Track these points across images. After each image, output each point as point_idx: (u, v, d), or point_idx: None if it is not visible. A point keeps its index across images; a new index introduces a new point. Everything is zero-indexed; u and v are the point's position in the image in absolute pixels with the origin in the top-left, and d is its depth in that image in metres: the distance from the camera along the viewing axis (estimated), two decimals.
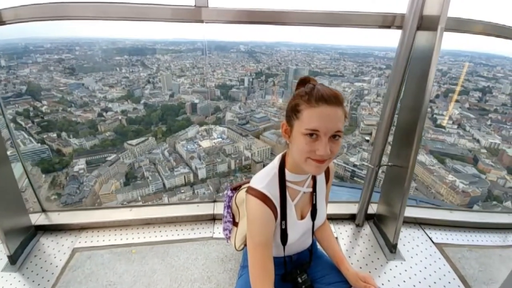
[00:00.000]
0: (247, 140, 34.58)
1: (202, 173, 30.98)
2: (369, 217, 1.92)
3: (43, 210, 1.83)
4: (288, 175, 0.89)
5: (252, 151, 32.74)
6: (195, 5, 1.31)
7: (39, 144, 27.22)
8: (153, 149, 32.65)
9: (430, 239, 1.86)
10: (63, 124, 28.92)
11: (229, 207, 1.23)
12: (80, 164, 28.19)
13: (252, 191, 0.87)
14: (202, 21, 1.35)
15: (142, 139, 31.47)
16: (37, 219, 1.76)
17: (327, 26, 1.46)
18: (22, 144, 26.49)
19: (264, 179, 0.89)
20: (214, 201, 1.92)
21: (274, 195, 0.87)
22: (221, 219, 1.84)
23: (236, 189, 1.20)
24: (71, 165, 28.25)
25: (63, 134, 28.40)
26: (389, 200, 1.73)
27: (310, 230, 1.01)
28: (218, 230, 1.76)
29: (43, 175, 27.29)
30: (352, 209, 1.92)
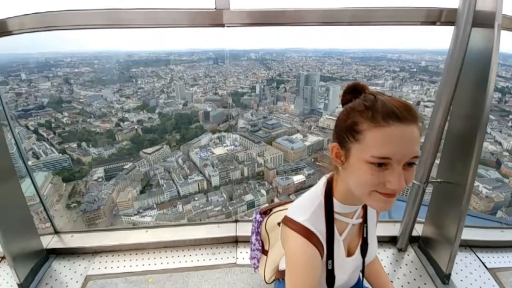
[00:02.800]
0: (259, 146, 34.63)
1: (215, 181, 31.27)
2: (412, 240, 1.68)
3: (56, 232, 1.73)
4: (337, 206, 0.71)
5: (264, 158, 32.66)
6: (215, 8, 1.17)
7: (60, 154, 28.45)
8: (168, 157, 33.38)
9: (483, 264, 1.62)
10: (83, 134, 30.18)
11: (258, 233, 1.06)
12: (98, 173, 29.19)
13: (292, 224, 0.70)
14: (223, 25, 1.20)
15: (157, 147, 32.23)
16: (49, 242, 1.66)
17: (361, 24, 1.29)
18: (44, 154, 27.77)
19: (306, 209, 0.72)
20: (236, 221, 1.75)
21: (319, 229, 0.70)
22: (244, 242, 1.67)
23: (266, 213, 1.04)
24: (90, 173, 29.30)
25: (83, 144, 29.57)
26: (440, 221, 1.49)
27: (359, 268, 0.83)
28: (241, 255, 1.58)
29: (64, 184, 28.42)
30: (393, 230, 1.69)
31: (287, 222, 0.71)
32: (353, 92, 0.65)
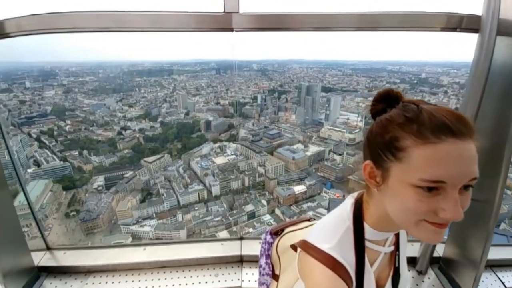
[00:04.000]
0: (260, 156, 34.56)
1: (216, 190, 31.00)
2: (432, 261, 1.55)
3: (48, 248, 1.62)
4: (368, 232, 0.61)
5: (265, 168, 32.47)
6: (224, 11, 1.11)
7: (62, 162, 28.44)
8: (169, 166, 33.25)
9: (503, 284, 1.52)
10: (85, 142, 30.26)
11: (268, 256, 0.96)
12: (99, 181, 29.04)
13: (315, 253, 0.60)
14: (231, 29, 1.14)
15: (158, 156, 32.19)
16: (40, 258, 1.54)
17: (379, 30, 1.22)
18: (45, 162, 27.72)
19: (331, 235, 0.62)
20: (241, 239, 1.64)
21: (348, 260, 0.59)
22: (250, 261, 1.55)
23: (277, 233, 0.93)
24: (90, 182, 29.17)
25: (85, 152, 29.61)
26: (463, 241, 1.37)
27: None
28: (247, 277, 1.46)
29: (64, 192, 28.26)
30: (411, 250, 1.57)
31: (309, 249, 0.61)
32: (386, 100, 0.56)
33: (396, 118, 0.50)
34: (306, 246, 0.62)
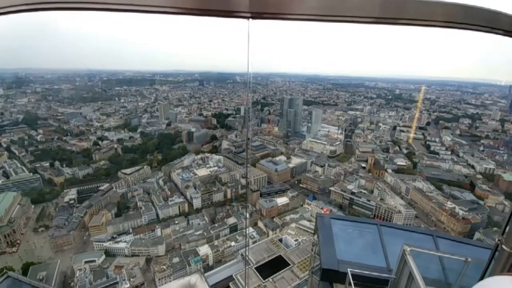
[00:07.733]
0: (243, 168, 34.92)
1: (197, 203, 30.75)
2: None
3: None
4: None
5: (248, 179, 32.65)
6: None
7: (31, 174, 27.11)
8: (148, 178, 32.68)
9: None
10: (57, 153, 29.06)
11: None
12: (71, 194, 27.79)
13: None
14: (248, 16, 0.77)
15: (137, 168, 31.58)
16: None
17: (404, 23, 1.11)
18: (14, 173, 26.30)
19: None
20: None
21: None
22: None
23: None
24: (61, 195, 27.90)
25: (56, 163, 28.42)
26: None
27: None
28: None
29: (32, 206, 26.82)
30: None
31: None
32: None
33: None
34: None
